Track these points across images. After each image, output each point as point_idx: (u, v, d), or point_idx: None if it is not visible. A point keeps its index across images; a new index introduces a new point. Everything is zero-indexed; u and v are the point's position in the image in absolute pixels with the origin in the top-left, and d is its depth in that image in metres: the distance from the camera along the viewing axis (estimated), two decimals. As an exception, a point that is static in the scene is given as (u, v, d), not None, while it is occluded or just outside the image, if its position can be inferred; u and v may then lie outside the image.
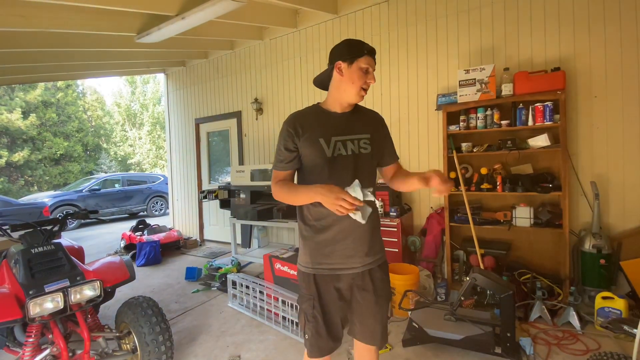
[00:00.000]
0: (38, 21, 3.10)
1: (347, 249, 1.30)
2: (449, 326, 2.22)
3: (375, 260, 1.36)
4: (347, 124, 1.33)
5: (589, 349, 2.17)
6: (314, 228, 1.32)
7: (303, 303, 1.35)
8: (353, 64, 1.26)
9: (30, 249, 1.91)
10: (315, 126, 1.30)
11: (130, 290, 3.47)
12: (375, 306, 1.34)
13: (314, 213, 1.31)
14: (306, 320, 1.32)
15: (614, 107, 2.74)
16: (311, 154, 1.28)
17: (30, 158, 14.28)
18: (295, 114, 1.35)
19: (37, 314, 1.69)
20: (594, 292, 2.51)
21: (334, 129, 1.30)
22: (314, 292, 1.31)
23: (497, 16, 3.14)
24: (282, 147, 1.31)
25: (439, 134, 3.39)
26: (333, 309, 1.32)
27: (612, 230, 2.76)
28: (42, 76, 5.90)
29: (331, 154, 1.27)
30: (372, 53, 1.29)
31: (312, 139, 1.27)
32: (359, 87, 1.27)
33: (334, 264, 1.31)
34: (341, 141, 1.29)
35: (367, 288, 1.33)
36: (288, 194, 1.28)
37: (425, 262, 3.31)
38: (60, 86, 15.51)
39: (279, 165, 1.34)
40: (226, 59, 5.32)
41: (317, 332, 1.30)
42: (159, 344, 1.95)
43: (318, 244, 1.31)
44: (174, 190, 6.40)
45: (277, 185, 1.33)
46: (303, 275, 1.36)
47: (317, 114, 1.34)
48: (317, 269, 1.32)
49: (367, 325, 1.36)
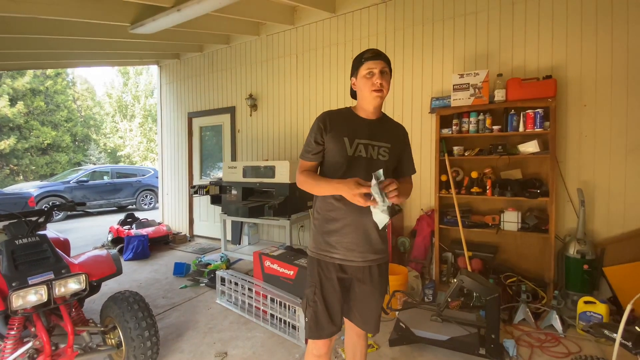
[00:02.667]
0: (29, 7, 3.01)
1: (350, 243, 1.40)
2: (436, 327, 2.25)
3: (376, 258, 1.44)
4: (371, 130, 1.43)
5: (570, 352, 2.22)
6: (324, 218, 1.44)
7: (307, 288, 1.47)
8: (358, 76, 1.40)
9: (14, 240, 1.87)
10: (343, 125, 1.41)
11: (116, 284, 3.42)
12: (371, 300, 1.47)
13: (327, 205, 1.42)
14: (307, 304, 1.45)
15: (603, 117, 2.80)
16: (334, 149, 1.39)
17: (16, 147, 13.94)
18: (328, 112, 1.46)
19: (19, 306, 1.66)
20: (576, 297, 2.57)
21: (359, 131, 1.41)
22: (317, 280, 1.43)
23: (493, 22, 3.18)
24: (312, 139, 1.42)
25: (432, 137, 3.43)
26: (333, 297, 1.42)
27: (597, 236, 2.83)
28: (31, 63, 5.75)
29: (352, 153, 1.38)
30: (373, 57, 1.37)
31: (337, 136, 1.38)
32: (369, 91, 1.37)
33: (337, 254, 1.41)
34: (363, 144, 1.39)
35: (366, 282, 1.44)
36: (312, 183, 1.39)
37: (414, 263, 3.34)
38: (50, 74, 15.17)
39: (307, 156, 1.45)
40: (221, 54, 5.26)
41: (316, 315, 1.41)
42: (145, 340, 1.93)
43: (325, 233, 1.43)
44: (164, 184, 6.32)
45: (302, 174, 1.43)
46: (310, 260, 1.49)
47: (347, 116, 1.45)
48: (321, 254, 1.44)
49: (363, 314, 1.49)
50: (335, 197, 1.39)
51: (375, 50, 1.39)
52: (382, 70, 1.36)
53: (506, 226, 2.94)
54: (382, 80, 1.35)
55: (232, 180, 4.05)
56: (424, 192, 3.56)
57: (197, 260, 3.99)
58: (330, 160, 1.42)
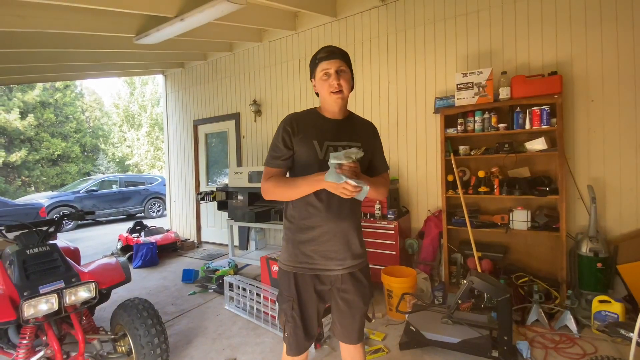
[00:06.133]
0: (36, 21, 3.09)
1: (328, 251, 1.33)
2: (446, 329, 2.22)
3: (356, 264, 1.38)
4: (339, 130, 1.37)
5: (586, 352, 2.16)
6: (298, 227, 1.35)
7: (283, 303, 1.38)
8: (315, 77, 1.35)
9: (26, 250, 1.90)
10: (311, 128, 1.34)
11: (126, 292, 3.44)
12: (354, 308, 1.39)
13: (302, 212, 1.34)
14: (286, 320, 1.37)
15: (611, 111, 2.75)
16: (304, 154, 1.32)
17: (27, 158, 14.23)
18: (293, 115, 1.39)
19: (31, 315, 1.68)
20: (590, 296, 2.52)
21: (327, 133, 1.34)
22: (294, 293, 1.35)
23: (495, 20, 3.16)
24: (279, 143, 1.34)
25: (437, 137, 3.40)
26: (311, 310, 1.37)
27: (609, 233, 2.77)
28: (40, 76, 5.87)
29: (323, 156, 1.31)
30: (327, 57, 1.30)
31: (306, 140, 1.32)
32: (328, 92, 1.31)
33: (314, 264, 1.34)
34: (333, 146, 1.33)
35: (347, 290, 1.37)
36: (285, 188, 1.30)
37: (422, 264, 3.31)
38: (59, 87, 15.50)
39: (274, 162, 1.36)
40: (225, 61, 5.32)
41: (295, 332, 1.36)
42: (155, 347, 1.93)
43: (301, 243, 1.34)
44: (171, 191, 6.38)
45: (269, 181, 1.33)
46: (283, 274, 1.40)
47: (313, 117, 1.38)
48: (298, 267, 1.35)
49: (346, 326, 1.43)
50: (311, 203, 1.31)
51: (329, 49, 1.32)
52: (338, 70, 1.29)
53: (516, 225, 2.90)
54: (339, 80, 1.28)
55: (238, 185, 4.07)
56: (430, 193, 3.53)
57: (205, 266, 4.00)
58: (302, 164, 1.33)
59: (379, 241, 3.21)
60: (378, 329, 2.60)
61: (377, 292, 3.03)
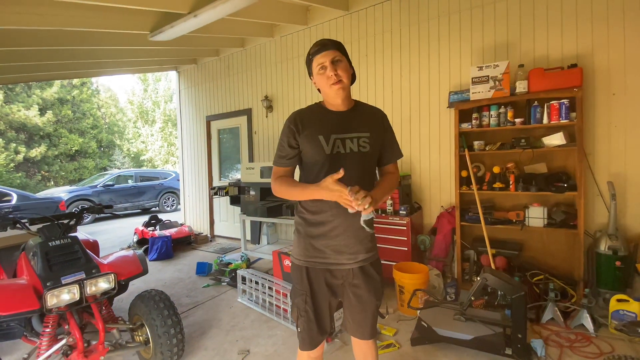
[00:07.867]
0: (54, 19, 3.17)
1: (339, 245, 1.33)
2: (459, 326, 2.21)
3: (367, 257, 1.38)
4: (346, 122, 1.34)
5: (603, 352, 2.12)
6: (309, 222, 1.36)
7: (296, 297, 1.39)
8: (313, 74, 1.35)
9: (48, 242, 1.97)
10: (316, 123, 1.33)
11: (142, 283, 3.54)
12: (366, 303, 1.39)
13: (312, 207, 1.34)
14: (299, 314, 1.38)
15: (634, 105, 2.66)
16: (311, 150, 1.31)
17: (47, 154, 14.65)
18: (297, 112, 1.38)
19: (54, 305, 1.75)
20: (608, 295, 2.46)
21: (333, 126, 1.32)
22: (307, 287, 1.35)
23: (512, 11, 3.07)
24: (284, 143, 1.35)
25: (451, 132, 3.35)
26: (324, 305, 1.37)
27: (629, 231, 2.69)
28: (58, 74, 6.02)
29: (330, 151, 1.29)
30: (319, 50, 1.29)
31: (312, 136, 1.31)
32: (327, 85, 1.30)
33: (326, 258, 1.34)
34: (340, 139, 1.31)
35: (359, 285, 1.37)
36: (289, 190, 1.31)
37: (435, 261, 3.28)
38: (76, 84, 15.85)
39: (280, 162, 1.37)
40: (237, 57, 5.35)
41: (308, 326, 1.36)
42: (171, 337, 1.99)
43: (312, 238, 1.35)
44: (185, 186, 6.48)
45: (277, 181, 1.36)
46: (296, 269, 1.40)
47: (318, 112, 1.37)
48: (310, 262, 1.36)
49: (358, 321, 1.42)
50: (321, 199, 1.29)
51: (321, 42, 1.30)
52: (333, 60, 1.27)
53: (531, 222, 2.84)
54: (336, 70, 1.27)
55: (250, 181, 4.11)
56: (443, 188, 3.49)
57: (218, 259, 4.07)
58: (309, 161, 1.34)
59: (390, 237, 3.20)
60: (389, 324, 2.61)
61: (388, 288, 3.03)
